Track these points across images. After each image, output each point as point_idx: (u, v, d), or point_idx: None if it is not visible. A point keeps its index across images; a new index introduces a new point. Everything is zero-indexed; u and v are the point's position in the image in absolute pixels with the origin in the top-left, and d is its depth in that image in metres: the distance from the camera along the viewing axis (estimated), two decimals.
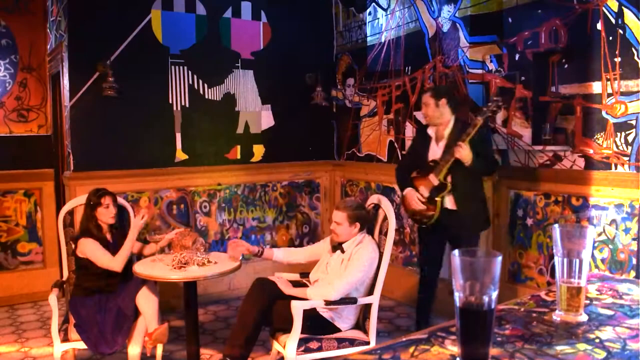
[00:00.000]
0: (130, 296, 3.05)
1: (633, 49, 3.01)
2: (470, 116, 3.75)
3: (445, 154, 3.31)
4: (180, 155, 4.60)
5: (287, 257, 3.30)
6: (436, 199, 3.35)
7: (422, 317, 3.65)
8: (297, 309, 2.73)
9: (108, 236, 3.34)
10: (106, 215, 3.29)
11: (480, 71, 3.89)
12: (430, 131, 3.50)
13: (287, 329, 2.79)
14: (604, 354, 0.98)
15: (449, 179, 3.33)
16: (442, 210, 3.37)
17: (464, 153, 3.18)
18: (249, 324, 2.88)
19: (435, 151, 3.45)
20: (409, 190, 3.49)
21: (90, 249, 3.20)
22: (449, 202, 3.39)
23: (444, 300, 3.67)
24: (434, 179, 3.34)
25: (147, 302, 3.06)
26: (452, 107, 3.42)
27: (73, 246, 3.32)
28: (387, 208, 3.06)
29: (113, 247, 3.29)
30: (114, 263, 3.18)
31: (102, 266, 3.18)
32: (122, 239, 3.39)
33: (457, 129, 3.36)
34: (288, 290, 2.96)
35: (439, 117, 3.40)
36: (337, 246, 3.04)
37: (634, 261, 3.08)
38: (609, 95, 3.15)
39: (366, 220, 3.04)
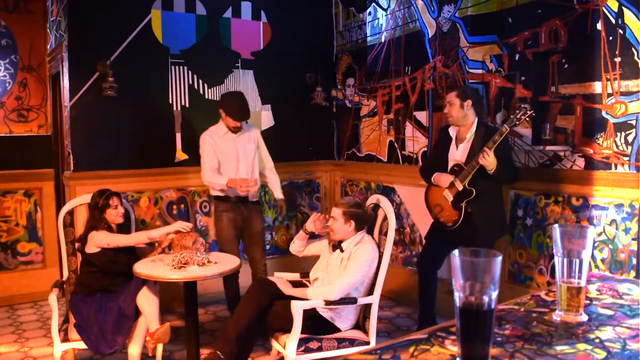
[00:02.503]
0: (131, 296, 3.06)
1: (633, 49, 3.01)
2: (495, 123, 3.71)
3: (472, 160, 3.24)
4: (180, 155, 4.60)
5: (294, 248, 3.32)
6: (462, 204, 3.30)
7: (425, 319, 3.59)
8: (297, 309, 2.73)
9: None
10: (115, 215, 3.31)
11: (480, 71, 3.89)
12: (452, 132, 3.46)
13: (287, 329, 2.79)
14: (604, 354, 0.98)
15: (474, 185, 3.28)
16: (466, 215, 3.31)
17: (490, 160, 3.12)
18: (243, 321, 2.87)
19: (454, 152, 3.42)
20: (437, 174, 3.44)
21: (105, 234, 3.22)
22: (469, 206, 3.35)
23: (444, 300, 3.67)
24: (458, 185, 3.29)
25: (147, 302, 3.06)
26: (476, 109, 3.37)
27: (79, 245, 3.31)
28: (387, 208, 3.06)
29: (120, 248, 3.30)
30: (130, 239, 3.25)
31: (119, 244, 3.22)
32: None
33: (480, 132, 3.31)
34: (288, 290, 2.96)
35: (463, 118, 3.34)
36: (336, 245, 3.04)
37: (634, 261, 3.08)
38: (609, 95, 3.15)
39: (361, 220, 3.02)
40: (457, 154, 3.40)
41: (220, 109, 3.94)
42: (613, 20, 3.10)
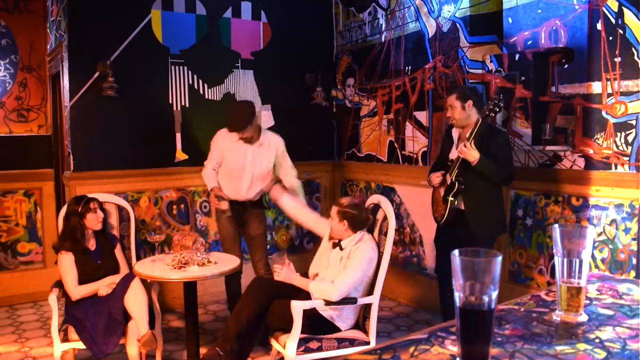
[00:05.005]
0: (118, 299, 3.02)
1: (633, 49, 3.01)
2: (495, 123, 3.69)
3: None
4: (180, 155, 4.60)
5: (291, 206, 3.31)
6: (448, 198, 3.31)
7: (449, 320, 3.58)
8: (297, 308, 2.73)
9: (90, 244, 3.32)
10: (94, 220, 3.29)
11: (480, 71, 3.89)
12: (455, 133, 3.46)
13: (287, 329, 2.79)
14: (604, 354, 0.98)
15: (459, 178, 3.28)
16: (452, 210, 3.32)
17: (469, 153, 3.12)
18: (243, 319, 2.88)
19: (455, 152, 3.41)
20: (431, 175, 3.47)
21: (63, 266, 3.20)
22: (460, 203, 3.35)
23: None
24: (448, 179, 3.31)
25: (135, 303, 3.01)
26: (478, 108, 3.34)
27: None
28: (387, 208, 3.06)
29: (94, 257, 3.29)
30: (73, 291, 3.16)
31: (64, 286, 3.19)
32: (107, 244, 3.38)
33: (480, 129, 3.24)
34: (292, 278, 2.94)
35: (466, 119, 3.31)
36: (336, 243, 3.04)
37: (634, 261, 3.08)
38: (609, 95, 3.15)
39: (355, 222, 3.00)
40: (456, 153, 3.40)
41: None
42: (613, 20, 3.10)
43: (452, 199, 3.30)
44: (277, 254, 3.08)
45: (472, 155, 3.13)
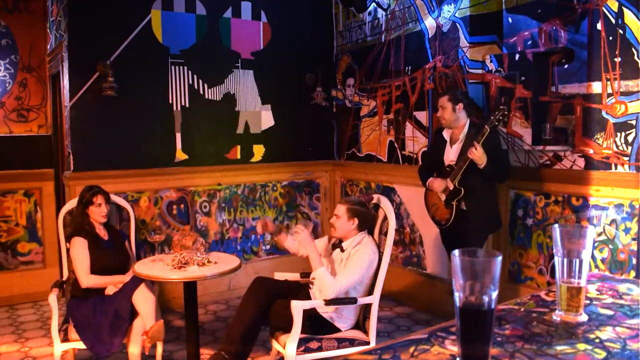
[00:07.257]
0: (126, 297, 3.03)
1: (633, 49, 3.01)
2: (480, 123, 3.77)
3: (460, 159, 3.36)
4: (180, 155, 4.60)
5: (295, 246, 3.32)
6: (452, 203, 3.42)
7: None
8: (297, 308, 2.73)
9: (102, 233, 3.35)
10: (98, 214, 3.32)
11: (480, 71, 3.89)
12: (446, 134, 3.57)
13: (287, 329, 2.79)
14: (604, 354, 0.98)
15: (462, 183, 3.38)
16: (457, 212, 3.43)
17: (478, 154, 3.22)
18: (246, 320, 2.88)
19: (450, 153, 3.51)
20: (431, 179, 3.58)
21: (76, 251, 3.21)
22: (462, 203, 3.45)
23: (444, 300, 3.67)
24: (449, 184, 3.41)
25: (143, 300, 3.03)
26: (468, 111, 3.49)
27: (67, 245, 3.33)
28: (387, 208, 3.06)
29: (107, 245, 3.31)
30: (84, 279, 3.17)
31: (75, 272, 3.20)
32: (118, 236, 3.42)
33: (471, 132, 3.41)
34: (308, 245, 2.89)
35: (455, 120, 3.47)
36: (337, 244, 3.04)
37: (634, 261, 3.08)
38: (609, 95, 3.15)
39: (365, 218, 3.02)
40: (451, 153, 3.51)
41: None
42: (613, 20, 3.10)
43: (457, 203, 3.41)
44: (304, 220, 3.12)
45: (480, 157, 3.24)
